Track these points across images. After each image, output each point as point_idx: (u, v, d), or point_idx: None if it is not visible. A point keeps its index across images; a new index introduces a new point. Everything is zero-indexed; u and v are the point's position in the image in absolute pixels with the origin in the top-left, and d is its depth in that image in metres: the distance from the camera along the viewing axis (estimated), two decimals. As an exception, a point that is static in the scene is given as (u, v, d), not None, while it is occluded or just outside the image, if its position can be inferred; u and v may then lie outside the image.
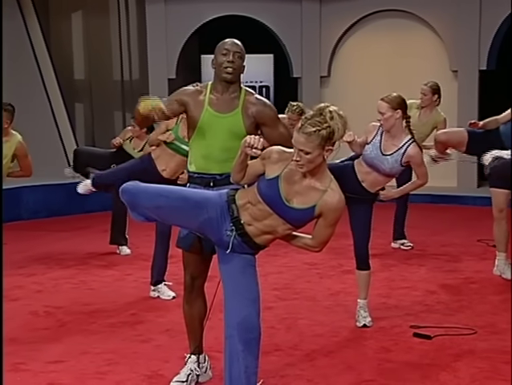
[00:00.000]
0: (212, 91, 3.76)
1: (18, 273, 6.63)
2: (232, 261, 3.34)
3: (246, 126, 3.71)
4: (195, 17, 11.60)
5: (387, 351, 4.45)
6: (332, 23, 11.84)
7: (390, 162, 4.82)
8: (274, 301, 5.58)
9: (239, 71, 3.75)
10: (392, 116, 4.81)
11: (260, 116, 3.74)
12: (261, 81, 12.38)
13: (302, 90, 12.05)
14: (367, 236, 5.04)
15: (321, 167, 3.17)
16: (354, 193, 4.91)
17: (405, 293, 5.78)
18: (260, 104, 3.76)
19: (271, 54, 12.32)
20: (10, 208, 9.38)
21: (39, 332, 4.92)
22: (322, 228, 3.23)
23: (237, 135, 3.66)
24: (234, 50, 3.72)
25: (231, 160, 3.58)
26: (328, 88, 12.11)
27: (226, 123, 3.71)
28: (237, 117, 3.71)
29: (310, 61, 11.92)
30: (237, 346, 3.28)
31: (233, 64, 3.68)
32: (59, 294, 5.89)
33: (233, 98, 3.72)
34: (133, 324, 5.04)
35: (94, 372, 4.15)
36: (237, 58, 3.71)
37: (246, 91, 3.79)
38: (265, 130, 3.79)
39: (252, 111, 3.72)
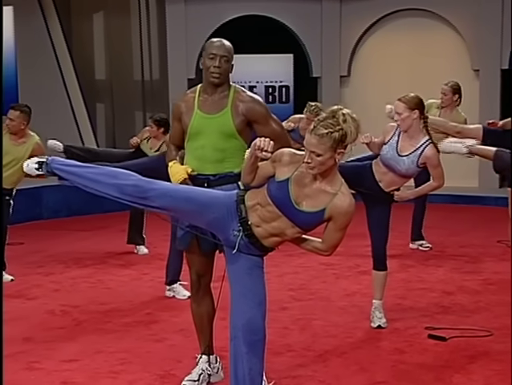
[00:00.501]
0: (201, 93, 3.77)
1: (37, 272, 6.69)
2: (238, 262, 3.33)
3: (236, 124, 3.71)
4: (215, 17, 11.62)
5: (401, 353, 4.42)
6: (352, 22, 11.81)
7: (406, 163, 4.78)
8: (289, 302, 5.58)
9: (227, 74, 3.73)
10: (409, 117, 4.77)
11: (250, 114, 3.73)
12: (280, 81, 12.37)
13: (321, 89, 12.03)
14: (385, 236, 5.01)
15: (332, 170, 3.14)
16: (370, 192, 4.91)
17: (422, 295, 5.74)
18: (249, 101, 3.75)
19: (291, 54, 12.30)
20: (30, 208, 9.50)
21: (55, 331, 4.95)
22: (332, 231, 3.20)
23: (227, 134, 3.70)
24: (221, 53, 3.67)
25: (225, 161, 3.66)
26: (348, 88, 12.08)
27: (216, 123, 3.71)
28: (226, 117, 3.71)
29: (329, 60, 11.89)
30: (241, 348, 3.26)
31: (219, 69, 3.66)
32: (76, 293, 5.93)
33: (222, 98, 3.72)
34: (148, 323, 5.06)
35: (107, 371, 4.16)
36: (223, 62, 3.67)
37: (236, 90, 3.77)
38: (257, 127, 3.78)
39: (242, 109, 3.72)
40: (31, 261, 7.16)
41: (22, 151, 6.31)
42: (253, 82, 12.33)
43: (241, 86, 12.38)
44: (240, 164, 3.64)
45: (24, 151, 6.32)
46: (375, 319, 4.94)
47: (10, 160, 6.27)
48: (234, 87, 3.77)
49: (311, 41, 11.93)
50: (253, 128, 3.80)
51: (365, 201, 4.99)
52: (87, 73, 12.93)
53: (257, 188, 3.32)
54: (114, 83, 13.02)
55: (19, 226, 8.82)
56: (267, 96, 12.37)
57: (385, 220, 4.97)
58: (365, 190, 4.94)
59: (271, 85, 12.39)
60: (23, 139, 6.33)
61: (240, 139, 3.74)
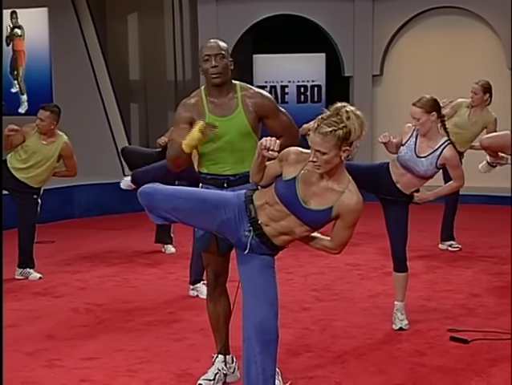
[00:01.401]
0: (207, 96, 3.73)
1: (65, 270, 6.76)
2: (250, 262, 3.32)
3: (251, 122, 3.70)
4: (246, 16, 11.62)
5: (421, 355, 4.38)
6: (385, 21, 11.69)
7: (425, 164, 4.73)
8: (312, 302, 5.55)
9: (227, 71, 3.68)
10: (427, 120, 4.72)
11: (261, 109, 3.72)
12: (312, 80, 12.31)
13: (353, 89, 11.94)
14: (404, 237, 4.96)
15: (338, 168, 3.12)
16: (388, 194, 4.86)
17: (447, 296, 5.67)
18: (258, 97, 3.74)
19: (323, 54, 12.24)
20: (62, 207, 9.63)
21: (77, 329, 5.00)
22: (340, 230, 3.18)
23: (244, 134, 3.69)
24: (215, 52, 3.65)
25: (244, 160, 3.63)
26: (380, 87, 11.98)
27: (232, 125, 3.68)
28: (240, 117, 3.69)
29: (362, 60, 11.79)
30: (254, 349, 3.26)
31: (217, 68, 3.63)
32: (101, 292, 5.98)
33: (230, 98, 3.70)
34: (169, 322, 5.08)
35: (125, 370, 4.19)
36: (219, 59, 3.64)
37: (241, 87, 3.75)
38: (267, 121, 3.77)
39: (252, 106, 3.70)
40: (60, 260, 7.24)
41: (51, 150, 6.40)
42: (284, 81, 12.29)
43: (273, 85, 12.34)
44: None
45: (53, 150, 6.41)
46: (396, 321, 4.89)
47: (39, 159, 6.37)
48: (240, 85, 3.76)
49: (343, 40, 11.85)
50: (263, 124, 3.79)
51: (382, 203, 4.95)
52: (122, 74, 13.04)
53: (266, 187, 3.31)
54: (147, 83, 13.11)
55: (51, 225, 8.97)
56: (299, 96, 12.33)
57: (403, 221, 4.92)
58: (382, 192, 4.90)
59: (303, 84, 12.34)
60: (52, 138, 6.41)
61: (254, 137, 3.73)
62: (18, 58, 11.48)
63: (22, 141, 6.37)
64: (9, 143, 6.33)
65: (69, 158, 6.49)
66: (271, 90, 12.28)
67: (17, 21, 11.41)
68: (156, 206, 3.36)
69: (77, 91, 11.14)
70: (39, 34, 11.32)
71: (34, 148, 6.36)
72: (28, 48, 11.42)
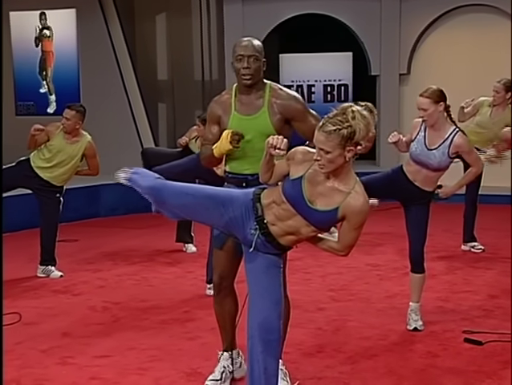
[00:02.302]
0: (237, 94, 3.74)
1: (86, 268, 6.83)
2: (256, 261, 3.32)
3: (274, 124, 3.67)
4: (272, 16, 11.62)
5: (433, 356, 4.34)
6: (412, 20, 11.60)
7: (437, 156, 4.69)
8: (328, 302, 5.54)
9: (258, 73, 3.66)
10: (435, 110, 4.68)
11: (287, 111, 3.68)
12: (339, 79, 12.27)
13: (380, 88, 11.87)
14: (423, 238, 4.92)
15: (344, 168, 3.10)
16: (409, 195, 4.82)
17: (465, 298, 5.61)
18: (285, 99, 3.69)
19: (350, 52, 12.19)
20: (88, 206, 9.73)
21: (93, 327, 5.05)
22: (346, 231, 3.16)
23: (266, 134, 3.59)
24: (249, 53, 3.61)
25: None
26: (408, 86, 11.87)
27: (255, 124, 3.68)
28: (263, 117, 3.67)
29: (389, 58, 11.71)
30: (257, 347, 3.26)
31: (249, 70, 3.61)
32: (120, 290, 6.03)
33: (258, 98, 3.69)
34: (184, 321, 5.10)
35: (136, 368, 4.22)
36: (252, 61, 3.61)
37: (271, 88, 3.72)
38: (295, 124, 3.73)
39: (278, 107, 3.67)
40: (83, 258, 7.32)
41: (75, 149, 6.48)
42: (311, 81, 12.26)
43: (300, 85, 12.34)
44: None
45: (77, 150, 6.48)
46: (411, 322, 4.86)
47: (63, 158, 6.45)
48: (270, 85, 3.72)
49: (370, 39, 11.78)
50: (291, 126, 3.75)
51: (402, 203, 4.92)
52: (150, 74, 13.14)
53: (274, 186, 3.31)
54: (175, 83, 13.18)
55: (76, 223, 9.08)
56: (326, 95, 12.30)
57: (423, 220, 4.87)
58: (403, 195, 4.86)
59: (330, 84, 12.30)
60: (77, 138, 6.49)
61: None
62: (47, 58, 11.62)
63: (47, 140, 6.45)
64: (33, 142, 6.42)
65: (92, 158, 6.56)
66: (298, 89, 12.27)
67: (46, 22, 11.55)
68: (165, 202, 3.38)
69: (104, 91, 11.24)
70: (67, 34, 11.45)
71: (59, 147, 6.43)
72: (56, 49, 11.55)
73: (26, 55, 11.64)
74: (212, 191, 3.39)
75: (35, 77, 11.61)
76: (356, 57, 12.12)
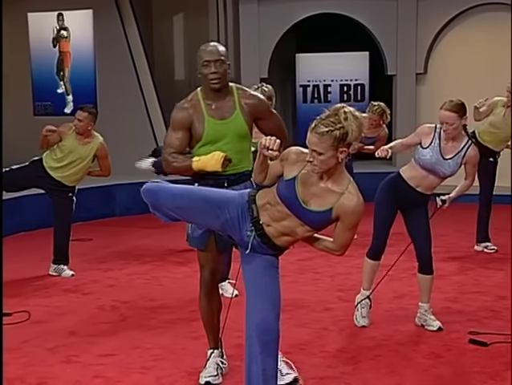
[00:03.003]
0: (204, 99, 3.79)
1: (97, 267, 6.88)
2: (253, 262, 3.33)
3: (248, 124, 3.82)
4: (288, 16, 11.60)
5: (436, 357, 4.32)
6: (429, 19, 11.53)
7: (451, 165, 4.70)
8: (335, 303, 5.53)
9: (225, 76, 3.77)
10: (460, 124, 4.69)
11: (256, 111, 3.83)
12: (356, 79, 12.23)
13: (396, 87, 11.82)
14: (429, 239, 4.91)
15: (337, 169, 3.10)
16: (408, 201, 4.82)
17: (474, 298, 5.57)
18: (253, 99, 3.85)
19: (367, 52, 12.15)
20: (103, 205, 9.79)
21: (100, 326, 5.09)
22: (340, 231, 3.17)
23: (243, 135, 3.82)
24: (215, 58, 3.71)
25: (243, 161, 3.79)
26: (425, 86, 11.81)
27: (231, 127, 3.77)
28: (238, 119, 3.78)
29: (405, 58, 11.65)
30: (255, 348, 3.27)
31: (217, 74, 3.71)
32: (130, 289, 6.07)
33: (228, 101, 3.78)
34: (190, 321, 5.11)
35: (139, 367, 4.25)
36: (219, 65, 3.71)
37: (238, 90, 3.84)
38: (261, 123, 3.90)
39: (248, 108, 3.81)
40: (95, 257, 7.37)
41: (87, 150, 6.53)
42: (327, 80, 12.24)
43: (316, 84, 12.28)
44: (251, 160, 3.77)
45: (89, 150, 6.54)
46: (430, 322, 4.84)
47: (74, 158, 6.51)
48: (235, 87, 3.84)
49: (387, 38, 11.72)
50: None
51: (401, 209, 4.90)
52: (167, 74, 13.20)
53: (269, 187, 3.31)
54: (192, 83, 13.21)
55: (92, 223, 9.15)
56: (342, 95, 12.27)
57: (425, 222, 4.88)
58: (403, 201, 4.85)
59: (346, 83, 12.27)
60: (88, 139, 6.54)
61: (250, 138, 3.87)
62: (64, 59, 11.70)
63: (59, 140, 6.52)
64: (46, 142, 6.49)
65: (104, 158, 6.61)
66: (314, 89, 12.27)
67: (63, 23, 11.65)
68: (160, 204, 3.39)
69: (120, 92, 11.30)
70: (84, 35, 11.53)
71: (71, 148, 6.49)
72: (73, 49, 11.64)
73: (43, 56, 11.75)
74: (208, 193, 3.40)
75: (53, 77, 11.71)
76: (373, 56, 12.09)
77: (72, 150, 6.52)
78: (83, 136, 6.52)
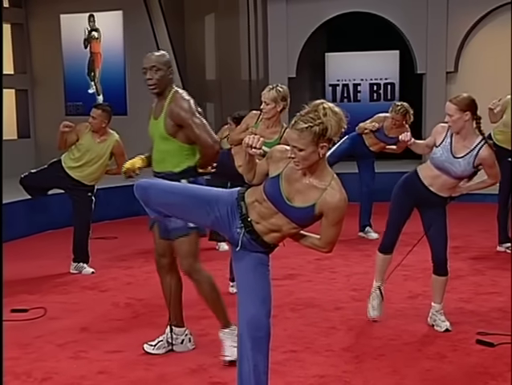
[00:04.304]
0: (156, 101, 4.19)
1: (117, 265, 6.97)
2: (243, 259, 3.35)
3: (166, 128, 4.05)
4: (316, 15, 11.62)
5: (441, 357, 4.29)
6: (460, 17, 11.44)
7: (462, 165, 4.62)
8: (347, 302, 5.52)
9: (162, 81, 4.04)
10: (460, 118, 4.58)
11: (176, 118, 4.04)
12: (386, 78, 12.19)
13: (426, 86, 11.73)
14: (445, 240, 4.85)
15: (319, 165, 3.11)
16: (423, 200, 4.78)
17: (488, 299, 5.52)
18: (175, 106, 4.04)
19: (397, 51, 12.09)
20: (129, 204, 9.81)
21: (112, 322, 5.16)
22: (325, 227, 3.17)
23: (163, 137, 4.07)
24: (149, 65, 4.03)
25: (165, 161, 4.08)
26: (455, 84, 11.71)
27: (157, 128, 4.11)
28: (161, 121, 4.07)
29: (435, 56, 11.58)
30: (246, 344, 3.29)
31: (152, 81, 4.03)
32: (146, 287, 6.13)
33: (162, 104, 4.09)
34: (199, 318, 5.15)
35: (144, 363, 4.31)
36: (153, 72, 4.01)
37: (173, 95, 4.07)
38: (184, 130, 4.06)
39: (170, 114, 4.03)
40: (117, 255, 7.47)
41: (103, 148, 6.62)
42: (357, 79, 12.22)
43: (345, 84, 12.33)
44: (180, 163, 4.07)
45: (105, 148, 6.63)
46: (439, 322, 4.81)
47: (92, 157, 6.61)
48: (173, 92, 4.08)
49: (416, 36, 11.66)
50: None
51: (417, 207, 4.87)
52: (198, 74, 13.31)
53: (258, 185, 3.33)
54: (223, 83, 13.30)
55: (117, 222, 9.27)
56: (372, 94, 12.23)
57: (442, 224, 4.81)
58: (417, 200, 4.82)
59: (376, 82, 12.23)
60: (104, 137, 6.64)
61: (176, 141, 4.08)
62: (95, 60, 11.89)
63: (76, 140, 6.62)
64: (63, 141, 6.60)
65: (120, 156, 6.68)
66: (343, 88, 12.25)
67: (94, 24, 11.83)
68: (151, 200, 3.43)
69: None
70: (114, 36, 11.70)
71: (87, 146, 6.59)
72: (104, 50, 11.80)
73: (75, 57, 11.96)
74: (197, 190, 3.44)
75: (84, 78, 11.91)
76: (402, 55, 12.02)
77: (89, 148, 6.61)
78: (99, 134, 6.62)
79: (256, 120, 5.85)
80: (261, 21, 12.65)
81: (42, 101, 12.46)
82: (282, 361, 4.24)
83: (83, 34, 11.85)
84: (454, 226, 7.09)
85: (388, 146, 7.84)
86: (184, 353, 4.47)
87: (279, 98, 5.80)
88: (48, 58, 12.27)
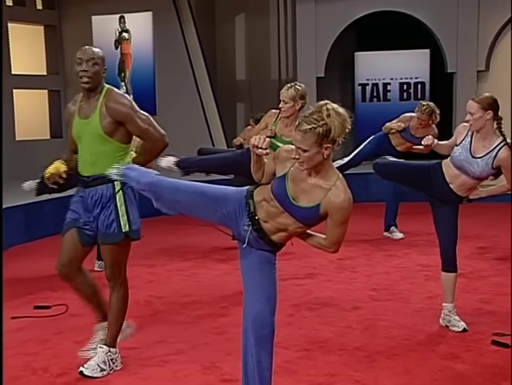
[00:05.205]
0: (81, 99, 3.96)
1: (141, 263, 7.04)
2: (250, 257, 3.39)
3: (103, 126, 3.85)
4: (345, 14, 11.60)
5: (454, 357, 4.27)
6: (491, 15, 11.33)
7: (480, 165, 4.58)
8: (365, 302, 5.52)
9: (97, 77, 3.86)
10: (481, 117, 4.54)
11: (115, 114, 3.85)
12: (416, 77, 12.10)
13: (457, 85, 11.63)
14: (455, 237, 4.83)
15: (324, 165, 3.12)
16: (440, 194, 4.76)
17: (508, 300, 5.44)
18: (114, 103, 3.86)
19: (427, 50, 12.00)
20: (157, 203, 9.97)
21: (131, 320, 5.19)
22: (330, 228, 3.18)
23: (98, 137, 3.86)
24: (87, 57, 3.84)
25: (98, 163, 3.86)
26: (486, 83, 11.59)
27: (89, 127, 3.89)
28: (95, 120, 3.87)
29: (466, 55, 11.48)
30: (250, 341, 3.34)
31: (87, 73, 3.82)
32: (167, 285, 6.20)
33: (94, 102, 3.90)
34: (218, 317, 5.21)
35: (158, 360, 4.36)
36: (91, 65, 3.83)
37: (107, 92, 3.90)
38: (126, 126, 3.89)
39: (108, 112, 3.84)
40: (142, 253, 7.51)
41: None
42: (387, 79, 12.16)
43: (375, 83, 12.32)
44: (113, 165, 3.80)
45: None
46: (454, 322, 4.78)
47: None
48: (107, 89, 3.91)
49: (447, 35, 11.57)
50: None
51: (431, 203, 4.86)
52: (229, 74, 13.37)
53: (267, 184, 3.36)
54: (253, 83, 13.34)
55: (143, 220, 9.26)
56: (402, 93, 12.16)
57: (453, 220, 4.80)
58: (434, 192, 4.80)
59: (406, 82, 12.16)
60: None
61: (113, 141, 3.89)
62: (126, 60, 12.02)
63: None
64: None
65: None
66: (373, 87, 12.20)
67: (125, 25, 11.96)
68: (162, 198, 3.48)
69: (178, 92, 11.53)
70: (144, 37, 11.81)
71: None
72: (134, 51, 11.93)
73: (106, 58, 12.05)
74: (205, 188, 3.47)
75: (115, 78, 12.02)
76: (433, 54, 11.93)
77: None
78: None
79: (275, 119, 5.89)
80: (290, 21, 12.66)
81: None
82: (294, 359, 4.26)
83: (113, 35, 12.00)
84: (480, 227, 7.11)
85: (415, 146, 7.79)
86: (198, 350, 4.51)
87: (298, 96, 5.82)
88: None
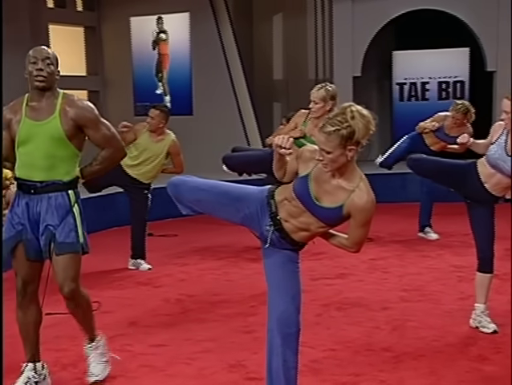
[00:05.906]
0: (29, 101, 3.78)
1: (173, 262, 7.11)
2: (273, 257, 3.40)
3: (65, 130, 3.71)
4: (382, 13, 11.51)
5: (482, 359, 4.22)
6: (532, 13, 11.12)
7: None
8: (396, 302, 5.47)
9: (52, 78, 3.74)
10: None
11: (79, 119, 3.74)
12: (455, 76, 11.96)
13: (497, 84, 11.46)
14: (491, 238, 4.77)
15: (348, 166, 3.11)
16: (474, 194, 4.71)
17: (542, 302, 5.37)
18: (78, 107, 3.75)
19: (467, 48, 11.85)
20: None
21: (160, 317, 5.28)
22: (353, 228, 3.18)
23: (57, 140, 3.71)
24: (43, 56, 3.71)
25: (54, 168, 3.71)
26: (526, 82, 11.37)
27: (44, 130, 3.72)
28: (55, 122, 3.72)
29: (506, 54, 11.28)
30: (276, 340, 3.35)
31: (42, 72, 3.69)
32: (198, 284, 6.24)
33: (49, 104, 3.74)
34: (246, 316, 5.22)
35: (185, 358, 4.39)
36: (46, 65, 3.71)
37: (64, 96, 3.78)
38: (87, 132, 3.80)
39: (71, 114, 3.73)
40: (175, 252, 7.61)
41: (160, 147, 6.77)
42: (425, 78, 12.05)
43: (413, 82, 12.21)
44: (71, 171, 3.78)
45: (162, 148, 6.78)
46: (485, 323, 4.73)
47: (149, 156, 6.77)
48: (63, 94, 3.80)
49: (487, 33, 11.40)
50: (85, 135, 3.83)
51: (466, 203, 4.80)
52: (266, 74, 13.39)
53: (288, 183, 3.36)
54: (290, 82, 13.34)
55: (177, 220, 9.36)
56: (440, 92, 12.03)
57: (489, 220, 4.74)
58: (468, 191, 4.75)
59: (445, 81, 12.03)
60: (161, 136, 6.78)
61: (71, 146, 3.76)
62: (163, 61, 12.11)
63: (134, 139, 6.79)
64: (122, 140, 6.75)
65: (176, 155, 6.83)
66: (411, 87, 12.10)
67: (162, 26, 12.05)
68: (183, 197, 3.51)
69: (214, 92, 11.59)
70: (181, 37, 11.89)
71: (144, 146, 6.75)
72: (171, 51, 12.02)
73: (144, 58, 12.21)
74: (227, 187, 3.49)
75: (152, 79, 12.14)
76: (472, 52, 11.78)
77: (146, 147, 6.77)
78: (156, 134, 6.76)
79: (305, 119, 5.90)
80: (327, 20, 12.62)
81: (113, 102, 12.76)
82: (320, 359, 4.26)
83: (151, 35, 12.10)
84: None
85: (450, 145, 7.71)
86: (225, 349, 4.53)
87: (328, 97, 5.83)
88: (119, 59, 12.57)
